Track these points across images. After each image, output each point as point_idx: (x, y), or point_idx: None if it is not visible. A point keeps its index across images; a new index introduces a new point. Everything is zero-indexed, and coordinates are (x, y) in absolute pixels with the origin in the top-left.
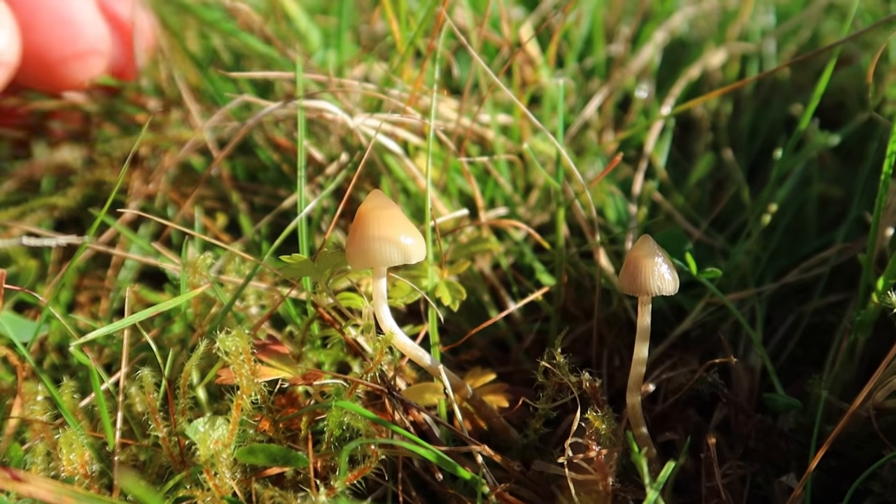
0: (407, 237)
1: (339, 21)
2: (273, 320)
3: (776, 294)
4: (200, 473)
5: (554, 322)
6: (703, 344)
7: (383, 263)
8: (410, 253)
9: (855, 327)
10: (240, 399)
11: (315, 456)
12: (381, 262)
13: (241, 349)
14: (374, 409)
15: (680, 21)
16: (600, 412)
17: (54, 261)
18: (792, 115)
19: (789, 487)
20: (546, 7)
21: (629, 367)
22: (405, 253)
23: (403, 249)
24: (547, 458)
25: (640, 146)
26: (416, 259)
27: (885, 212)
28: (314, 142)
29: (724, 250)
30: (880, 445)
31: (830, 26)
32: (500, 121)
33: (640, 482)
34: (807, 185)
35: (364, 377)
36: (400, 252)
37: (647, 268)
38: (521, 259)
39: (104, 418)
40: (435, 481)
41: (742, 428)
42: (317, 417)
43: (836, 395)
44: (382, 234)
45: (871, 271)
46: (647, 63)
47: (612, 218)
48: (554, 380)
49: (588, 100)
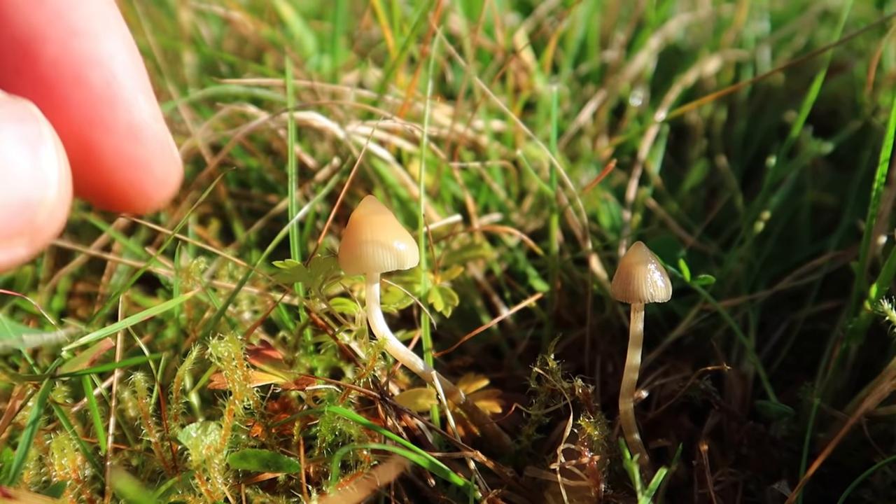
0: (400, 242)
1: (333, 26)
2: (266, 325)
3: (769, 301)
4: (192, 478)
5: (547, 328)
6: (696, 351)
7: (376, 269)
8: (403, 258)
9: (847, 335)
10: (232, 404)
11: (307, 461)
12: (373, 267)
13: (234, 354)
14: (367, 415)
15: (675, 28)
16: (593, 418)
17: (48, 267)
18: (786, 122)
19: (781, 495)
20: (541, 13)
21: (622, 373)
22: (398, 258)
23: (396, 255)
24: (539, 465)
25: (634, 152)
26: (409, 265)
27: (877, 220)
28: (306, 147)
29: (717, 257)
30: (872, 453)
31: (825, 34)
32: (494, 127)
33: (632, 488)
34: (800, 193)
35: (357, 383)
36: (393, 257)
37: (639, 275)
38: (515, 265)
39: (96, 423)
40: (427, 487)
41: (734, 435)
42: (309, 423)
43: (829, 403)
44: (375, 240)
45: (863, 279)
46: (642, 69)
47: (606, 224)
48: (547, 386)
49: (582, 106)
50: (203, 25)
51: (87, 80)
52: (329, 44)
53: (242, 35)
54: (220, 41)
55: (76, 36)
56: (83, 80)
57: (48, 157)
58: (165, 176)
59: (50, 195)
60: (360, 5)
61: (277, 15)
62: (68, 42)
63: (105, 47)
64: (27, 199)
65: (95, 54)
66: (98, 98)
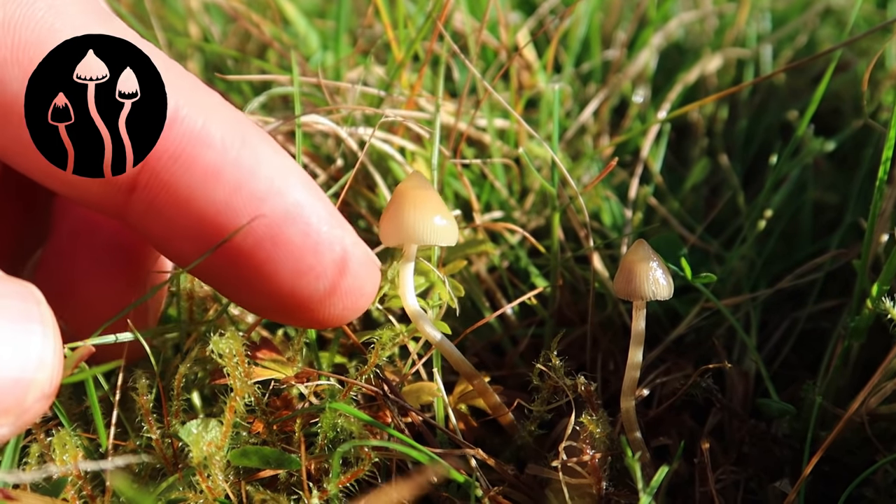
0: (442, 219)
1: (336, 24)
2: (267, 323)
3: (771, 299)
4: (193, 475)
5: (549, 326)
6: (698, 349)
7: (415, 241)
8: (444, 234)
9: (849, 333)
10: (233, 401)
11: (309, 458)
12: (413, 238)
13: (235, 351)
14: (370, 412)
15: (676, 26)
16: (595, 416)
17: None
18: (788, 121)
19: (783, 492)
20: (543, 12)
21: (623, 371)
22: (439, 234)
23: (437, 230)
24: (541, 462)
25: (635, 151)
26: (448, 241)
27: (879, 218)
28: (309, 143)
29: (719, 255)
30: (873, 451)
31: (827, 33)
32: (496, 125)
33: (634, 486)
34: (802, 191)
35: (359, 378)
36: (434, 232)
37: (641, 272)
38: (517, 263)
39: (97, 419)
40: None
41: (736, 433)
42: (311, 420)
43: (831, 401)
44: (417, 213)
45: (865, 277)
46: (644, 68)
47: (608, 222)
48: (549, 382)
49: (584, 104)
50: (207, 20)
51: (287, 238)
52: (332, 41)
53: (245, 31)
54: (223, 38)
55: (263, 201)
56: (282, 240)
57: (45, 339)
58: (375, 285)
59: (42, 376)
60: (362, 3)
61: (280, 12)
62: (257, 209)
63: (291, 199)
64: (19, 378)
65: (285, 211)
66: (301, 250)
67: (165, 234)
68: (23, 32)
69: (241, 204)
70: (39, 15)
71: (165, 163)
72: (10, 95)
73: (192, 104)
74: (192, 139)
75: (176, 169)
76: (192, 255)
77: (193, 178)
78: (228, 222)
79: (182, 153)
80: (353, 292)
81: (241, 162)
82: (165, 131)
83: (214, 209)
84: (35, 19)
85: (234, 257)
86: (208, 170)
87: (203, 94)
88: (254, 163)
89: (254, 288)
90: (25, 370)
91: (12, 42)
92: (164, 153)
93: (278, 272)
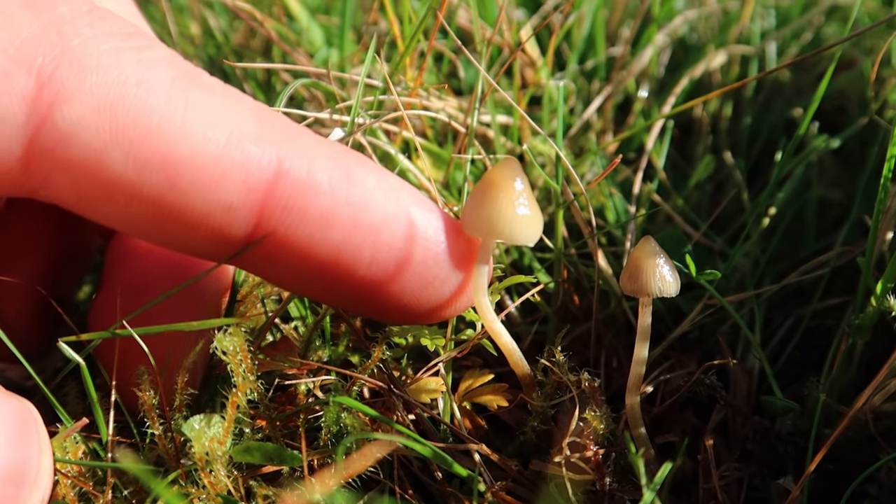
0: (535, 218)
1: (341, 21)
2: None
3: (775, 297)
4: (195, 470)
5: (552, 323)
6: (702, 346)
7: (498, 236)
8: (529, 233)
9: (853, 331)
10: (235, 396)
11: (311, 453)
12: (496, 233)
13: (239, 347)
14: (375, 407)
15: (680, 23)
16: (598, 412)
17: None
18: (792, 118)
19: (787, 490)
20: (547, 8)
21: (627, 368)
22: (524, 232)
23: (523, 227)
24: (544, 458)
25: (639, 148)
26: (531, 241)
27: (884, 215)
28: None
29: (723, 252)
30: (877, 448)
31: (832, 30)
32: (500, 121)
33: (637, 482)
34: (806, 188)
35: (363, 372)
36: (519, 230)
37: (648, 269)
38: (521, 259)
39: (97, 414)
40: (432, 479)
41: (740, 430)
42: (315, 415)
43: (835, 399)
44: (506, 206)
45: (870, 275)
46: (648, 65)
47: (612, 219)
48: (553, 378)
49: (588, 101)
50: (211, 17)
51: (409, 258)
52: (337, 38)
53: (250, 28)
54: (226, 34)
55: (380, 230)
56: (405, 260)
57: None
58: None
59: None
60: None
61: (285, 9)
62: (376, 240)
63: (405, 220)
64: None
65: (403, 234)
66: (423, 264)
67: (287, 277)
68: (118, 114)
69: (360, 239)
70: (132, 93)
71: (280, 216)
72: (114, 175)
73: (293, 153)
74: (300, 189)
75: (290, 221)
76: (318, 293)
77: (309, 227)
78: (350, 259)
79: (294, 205)
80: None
81: (352, 199)
82: (272, 187)
83: (335, 250)
84: (129, 98)
85: (360, 285)
86: (322, 215)
87: (299, 137)
88: (364, 197)
89: (380, 304)
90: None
91: (110, 125)
92: (276, 208)
93: (404, 289)
